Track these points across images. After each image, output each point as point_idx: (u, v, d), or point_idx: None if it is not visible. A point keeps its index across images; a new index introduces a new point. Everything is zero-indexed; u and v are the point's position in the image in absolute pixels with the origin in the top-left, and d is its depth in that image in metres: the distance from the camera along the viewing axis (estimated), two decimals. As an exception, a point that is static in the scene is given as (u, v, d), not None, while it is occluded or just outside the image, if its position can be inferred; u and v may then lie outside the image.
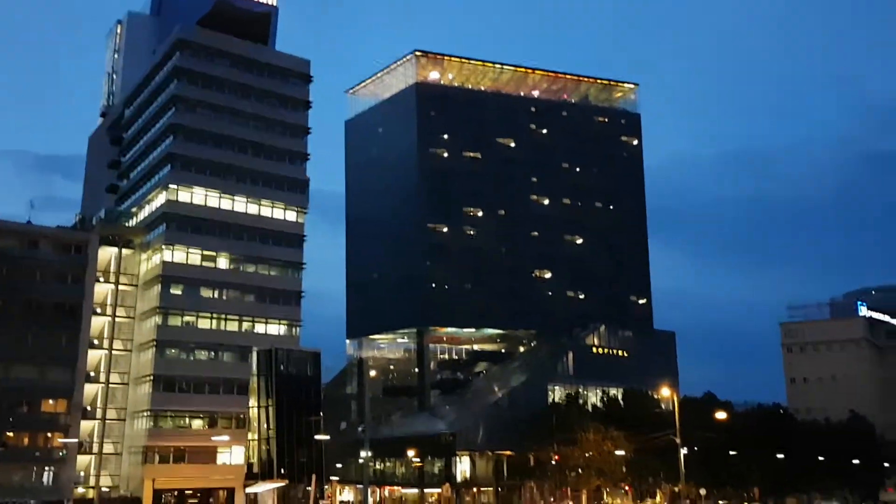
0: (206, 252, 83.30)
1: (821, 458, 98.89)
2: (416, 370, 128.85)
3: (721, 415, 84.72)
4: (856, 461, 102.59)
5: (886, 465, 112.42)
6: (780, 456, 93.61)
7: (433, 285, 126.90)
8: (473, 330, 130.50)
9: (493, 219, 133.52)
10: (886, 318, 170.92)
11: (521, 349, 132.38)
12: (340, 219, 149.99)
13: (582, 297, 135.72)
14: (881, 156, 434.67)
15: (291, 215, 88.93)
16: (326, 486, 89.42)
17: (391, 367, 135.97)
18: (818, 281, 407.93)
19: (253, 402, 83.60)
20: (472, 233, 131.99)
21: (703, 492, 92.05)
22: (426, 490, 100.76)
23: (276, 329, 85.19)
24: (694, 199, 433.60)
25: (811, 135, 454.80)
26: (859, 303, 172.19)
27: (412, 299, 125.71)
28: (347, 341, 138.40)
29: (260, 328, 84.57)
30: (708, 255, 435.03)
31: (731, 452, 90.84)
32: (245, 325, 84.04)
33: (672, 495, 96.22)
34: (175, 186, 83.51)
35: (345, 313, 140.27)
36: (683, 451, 73.55)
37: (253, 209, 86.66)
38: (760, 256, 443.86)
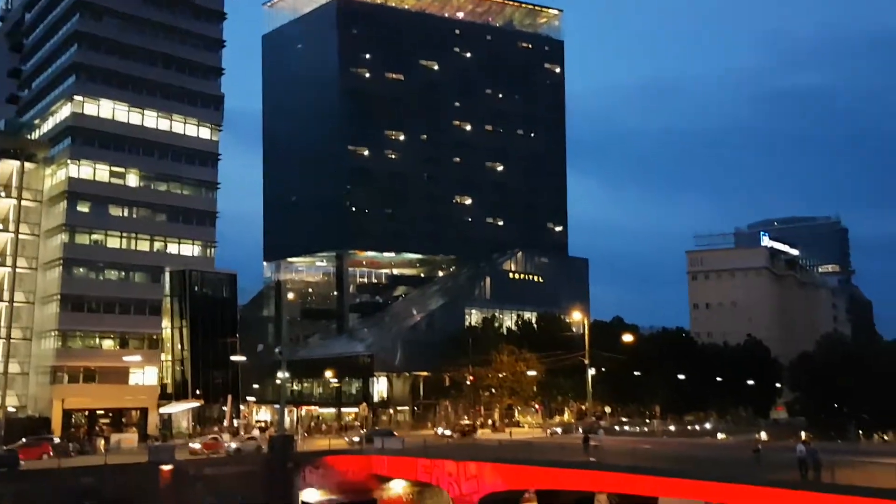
0: (114, 168, 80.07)
1: (719, 379, 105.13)
2: (336, 294, 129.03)
3: (628, 338, 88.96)
4: (750, 382, 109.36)
5: (778, 385, 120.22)
6: (681, 377, 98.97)
7: (353, 209, 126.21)
8: (393, 254, 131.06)
9: (416, 143, 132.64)
10: (786, 248, 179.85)
11: (441, 274, 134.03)
12: (258, 138, 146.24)
13: (501, 223, 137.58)
14: (789, 90, 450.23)
15: (205, 132, 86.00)
16: (243, 406, 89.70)
17: (310, 290, 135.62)
18: (727, 211, 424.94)
19: (166, 322, 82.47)
20: (393, 157, 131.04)
21: (607, 409, 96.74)
22: (343, 409, 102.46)
23: (189, 250, 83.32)
24: (611, 129, 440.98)
25: (724, 68, 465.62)
26: (762, 233, 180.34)
27: (332, 222, 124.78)
28: (265, 264, 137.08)
29: (173, 248, 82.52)
30: (623, 184, 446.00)
31: (636, 373, 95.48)
32: (157, 245, 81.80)
33: (579, 413, 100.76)
34: (81, 98, 79.37)
35: (262, 235, 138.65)
36: (591, 371, 77.03)
37: (164, 125, 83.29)
38: (672, 186, 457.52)
